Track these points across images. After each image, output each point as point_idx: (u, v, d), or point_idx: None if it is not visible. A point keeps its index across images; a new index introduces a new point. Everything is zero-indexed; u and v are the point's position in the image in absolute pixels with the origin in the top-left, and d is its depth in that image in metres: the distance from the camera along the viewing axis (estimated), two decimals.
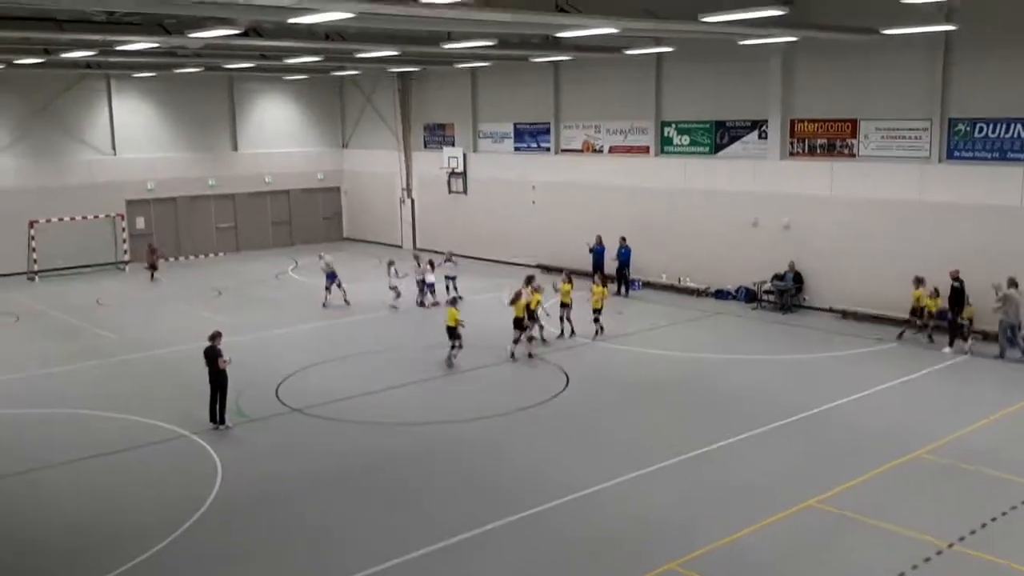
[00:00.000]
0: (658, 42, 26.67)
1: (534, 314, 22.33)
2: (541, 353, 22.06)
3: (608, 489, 14.14)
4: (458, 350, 21.15)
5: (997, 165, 22.67)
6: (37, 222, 34.85)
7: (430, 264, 28.07)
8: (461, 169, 37.44)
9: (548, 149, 34.25)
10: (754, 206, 27.55)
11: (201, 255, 39.25)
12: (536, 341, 22.45)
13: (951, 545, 12.10)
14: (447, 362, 21.18)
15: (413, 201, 40.49)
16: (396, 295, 27.68)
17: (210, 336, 17.37)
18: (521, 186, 34.98)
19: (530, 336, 22.09)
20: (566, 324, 23.64)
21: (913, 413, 17.58)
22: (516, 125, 35.47)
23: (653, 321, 25.69)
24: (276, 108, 41.67)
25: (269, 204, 41.55)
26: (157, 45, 22.72)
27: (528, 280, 22.95)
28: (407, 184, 40.55)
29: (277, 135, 41.71)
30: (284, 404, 18.72)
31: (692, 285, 29.24)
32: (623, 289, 29.30)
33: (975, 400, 18.35)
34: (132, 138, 37.54)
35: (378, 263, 35.29)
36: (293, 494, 14.31)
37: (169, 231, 38.25)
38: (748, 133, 27.88)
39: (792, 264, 26.52)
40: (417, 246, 39.33)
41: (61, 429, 17.54)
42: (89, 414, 18.32)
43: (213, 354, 17.16)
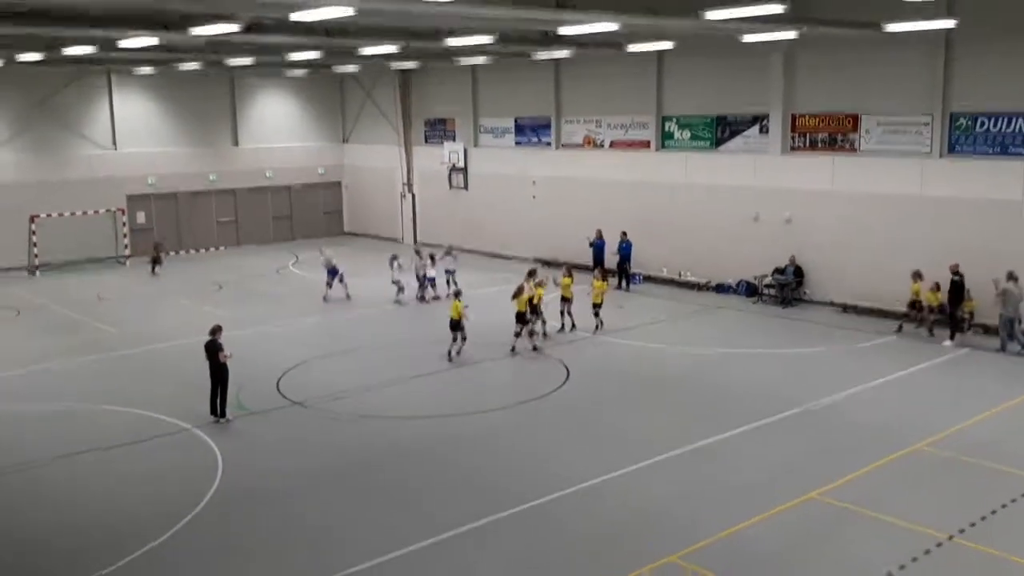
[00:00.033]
0: (659, 38, 26.64)
1: (537, 308, 22.35)
2: (541, 347, 22.09)
3: (609, 482, 14.18)
4: (461, 343, 21.17)
5: (998, 160, 22.68)
6: (38, 216, 34.88)
7: (431, 258, 28.06)
8: (462, 164, 37.43)
9: (549, 144, 34.24)
10: (755, 200, 27.56)
11: (202, 249, 39.29)
12: (538, 335, 22.48)
13: (951, 537, 12.13)
14: (448, 356, 21.23)
15: (414, 196, 40.49)
16: (399, 289, 27.67)
17: (211, 330, 17.40)
18: (522, 181, 34.98)
19: (531, 331, 22.11)
20: (567, 318, 23.67)
21: (914, 406, 17.62)
22: (517, 120, 35.45)
23: (654, 315, 25.72)
24: (277, 103, 41.67)
25: (270, 199, 41.59)
26: (158, 41, 22.70)
27: (530, 274, 22.96)
28: (408, 179, 40.55)
29: (278, 130, 41.72)
30: (285, 398, 18.76)
31: (693, 279, 29.25)
32: (624, 283, 29.31)
33: (975, 393, 18.38)
34: (133, 133, 37.56)
35: (378, 258, 35.38)
36: (293, 488, 14.35)
37: (170, 226, 38.25)
38: (749, 128, 27.87)
39: (793, 258, 26.53)
40: (418, 241, 39.36)
41: (62, 423, 17.58)
42: (90, 408, 18.35)
43: (214, 348, 17.18)
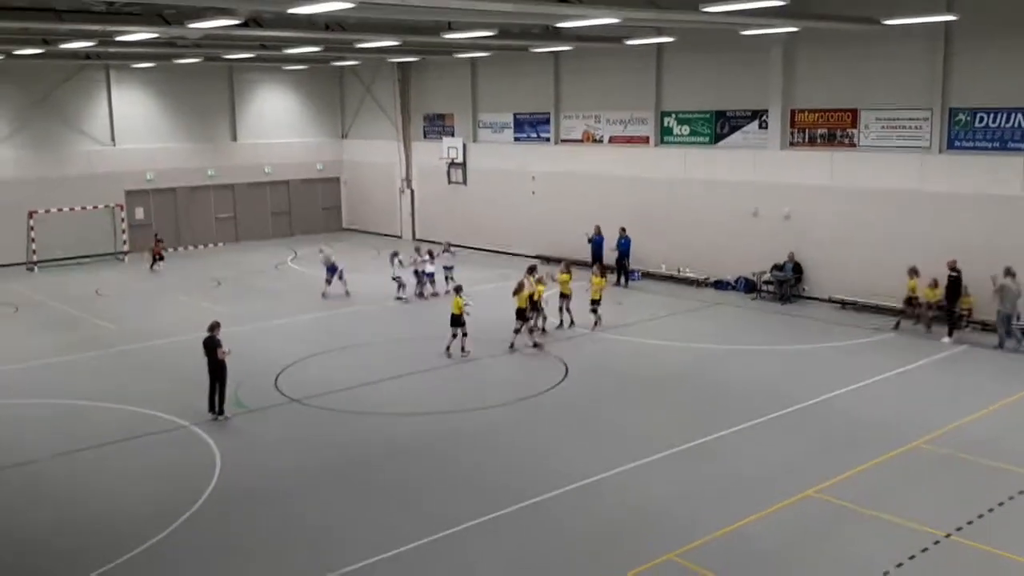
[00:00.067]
0: (659, 32, 26.62)
1: (537, 304, 22.34)
2: (542, 343, 22.03)
3: (607, 479, 14.17)
4: (462, 338, 21.18)
5: (997, 155, 22.65)
6: (36, 212, 34.84)
7: (429, 254, 28.03)
8: (461, 159, 37.39)
9: (548, 139, 34.19)
10: (754, 196, 27.52)
11: (200, 245, 39.25)
12: (538, 331, 22.45)
13: (949, 535, 12.13)
14: (447, 352, 21.23)
15: (413, 191, 40.45)
16: (399, 286, 27.61)
17: (209, 326, 17.36)
18: (521, 176, 34.94)
19: (531, 327, 22.09)
20: (565, 315, 23.65)
21: (912, 403, 17.60)
22: (516, 115, 35.40)
23: (652, 311, 25.70)
24: (275, 98, 41.61)
25: (268, 194, 41.54)
26: (157, 35, 22.68)
27: (531, 270, 22.93)
28: (407, 174, 40.50)
29: (276, 125, 41.65)
30: (283, 394, 18.74)
31: (692, 275, 29.23)
32: (623, 279, 29.28)
33: (973, 390, 18.37)
34: (131, 128, 37.49)
35: (377, 254, 35.39)
36: (292, 485, 14.33)
37: (168, 221, 38.16)
38: (748, 123, 27.83)
39: (792, 254, 26.51)
40: (417, 236, 39.37)
41: (60, 420, 17.55)
42: (88, 405, 18.32)
43: (212, 344, 17.15)
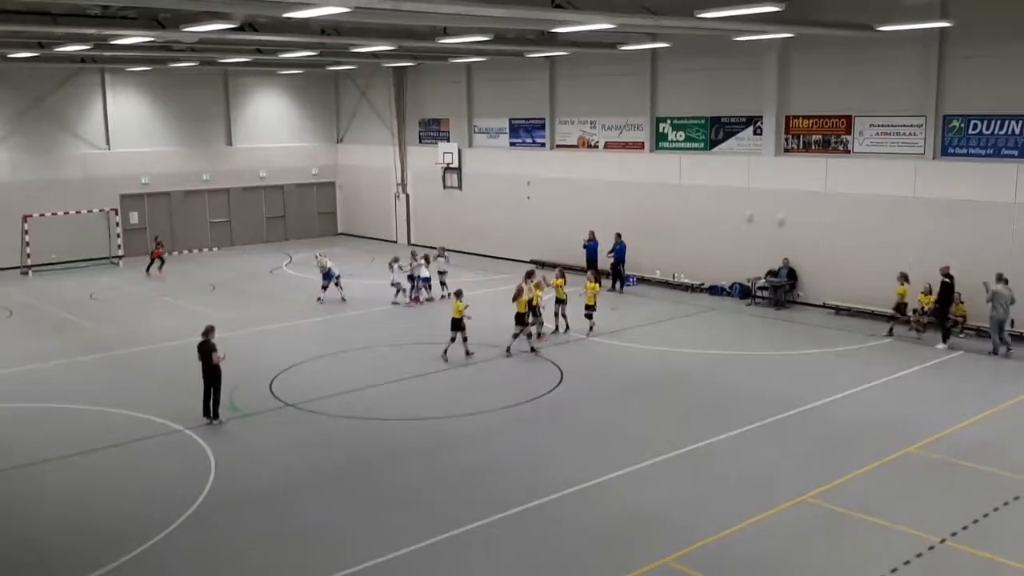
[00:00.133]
0: (654, 38, 26.68)
1: (536, 309, 22.37)
2: (538, 348, 22.02)
3: (603, 484, 14.16)
4: (463, 342, 21.26)
5: (991, 162, 22.72)
6: (31, 216, 34.77)
7: (425, 259, 28.03)
8: (456, 164, 37.41)
9: (543, 145, 34.23)
10: (749, 202, 27.58)
11: (195, 250, 39.21)
12: (535, 336, 22.45)
13: (943, 541, 12.14)
14: (444, 356, 21.24)
15: (408, 196, 40.45)
16: (397, 291, 27.59)
17: (204, 331, 17.33)
18: (516, 181, 34.97)
19: (529, 332, 22.10)
20: (561, 320, 23.67)
21: (905, 409, 17.63)
22: (511, 120, 35.44)
23: (647, 317, 25.72)
24: (271, 103, 41.61)
25: (263, 199, 41.52)
26: (152, 39, 22.68)
27: (528, 275, 22.97)
28: (402, 179, 40.51)
29: (272, 130, 41.64)
30: (278, 399, 18.71)
31: (686, 281, 29.27)
32: (618, 285, 29.30)
33: (967, 396, 18.41)
34: (126, 132, 37.45)
35: (372, 259, 35.39)
36: (287, 489, 14.32)
37: (163, 226, 38.08)
38: (743, 129, 27.90)
39: (786, 260, 26.56)
40: (412, 241, 39.35)
41: (54, 424, 17.50)
42: (82, 409, 18.27)
43: (207, 349, 17.12)
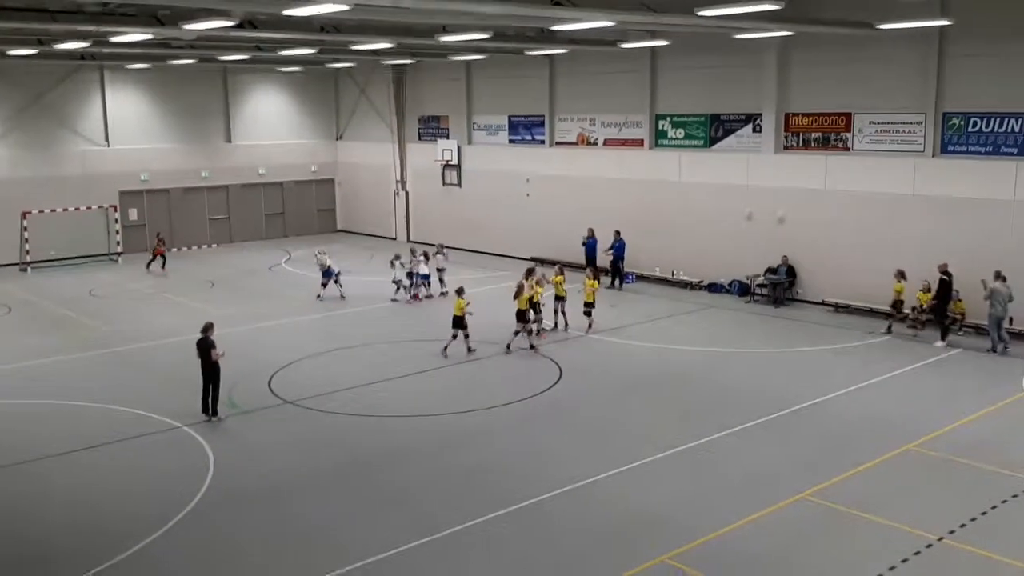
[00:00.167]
0: (653, 35, 26.67)
1: (537, 306, 22.39)
2: (538, 345, 22.03)
3: (602, 481, 14.17)
4: (465, 340, 21.35)
5: (991, 159, 22.72)
6: (30, 213, 34.76)
7: (424, 256, 28.03)
8: (455, 161, 37.39)
9: (543, 142, 34.21)
10: (748, 199, 27.57)
11: (194, 247, 39.19)
12: (534, 334, 22.46)
13: (942, 538, 12.16)
14: (443, 352, 21.28)
15: (407, 193, 40.43)
16: (397, 288, 27.61)
17: (203, 328, 17.34)
18: (516, 179, 34.95)
19: (530, 330, 22.12)
20: (560, 317, 23.68)
21: (904, 407, 17.64)
22: (511, 118, 35.41)
23: (646, 314, 25.72)
24: (270, 100, 41.58)
25: (263, 196, 41.49)
26: (151, 36, 22.66)
27: (529, 272, 22.98)
28: (401, 176, 40.49)
29: (271, 127, 41.62)
30: (277, 396, 18.71)
31: (685, 278, 29.27)
32: (617, 282, 29.30)
33: (966, 394, 18.42)
34: (126, 129, 37.43)
35: (371, 256, 35.39)
36: (286, 486, 14.32)
37: (162, 222, 38.05)
38: (743, 127, 27.89)
39: (785, 258, 26.56)
40: (411, 239, 39.34)
41: (53, 421, 17.50)
42: (81, 406, 18.28)
43: (206, 346, 17.13)
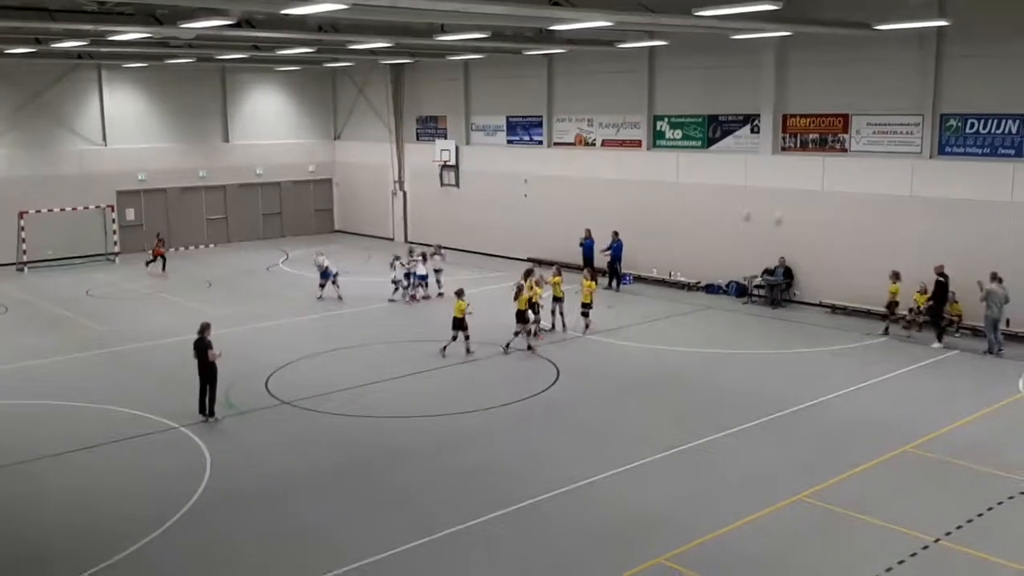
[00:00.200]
0: (651, 36, 26.68)
1: (536, 307, 22.39)
2: (536, 346, 22.00)
3: (599, 482, 14.17)
4: (465, 341, 21.37)
5: (988, 161, 22.73)
6: (27, 212, 34.70)
7: (421, 257, 28.01)
8: (453, 162, 37.37)
9: (541, 142, 34.21)
10: (746, 200, 27.57)
11: (191, 246, 39.15)
12: (532, 335, 22.45)
13: (938, 540, 12.16)
14: (442, 352, 21.29)
15: (405, 194, 40.40)
16: (396, 288, 27.59)
17: (200, 328, 17.31)
18: (513, 179, 34.94)
19: (529, 330, 22.11)
20: (557, 318, 23.67)
21: (901, 408, 17.64)
22: (509, 118, 35.41)
23: (644, 315, 25.71)
24: (268, 99, 41.54)
25: (260, 196, 41.46)
26: (149, 35, 22.64)
27: (527, 273, 22.98)
28: (399, 176, 40.46)
29: (269, 126, 41.58)
30: (274, 397, 18.68)
31: (683, 279, 29.26)
32: (614, 283, 29.29)
33: (963, 395, 18.43)
34: (123, 129, 37.38)
35: (368, 257, 35.37)
36: (283, 487, 14.30)
37: (160, 222, 37.99)
38: (740, 127, 27.89)
39: (782, 259, 26.56)
40: (409, 239, 39.32)
41: (50, 421, 17.47)
42: (78, 406, 18.24)
43: (203, 346, 17.10)
